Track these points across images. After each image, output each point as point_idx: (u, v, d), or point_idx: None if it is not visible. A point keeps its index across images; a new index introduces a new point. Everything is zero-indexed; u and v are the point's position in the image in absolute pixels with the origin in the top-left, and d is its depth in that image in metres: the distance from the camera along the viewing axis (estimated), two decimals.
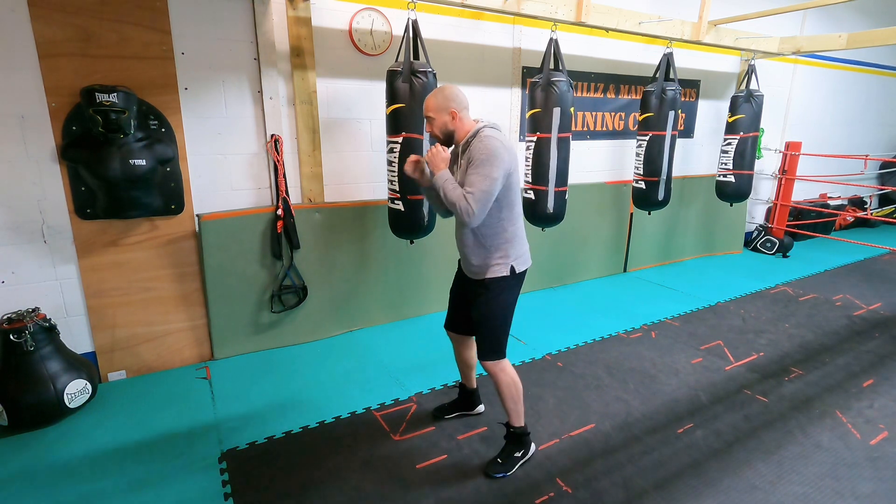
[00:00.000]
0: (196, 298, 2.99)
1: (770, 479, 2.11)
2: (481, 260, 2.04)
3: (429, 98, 2.02)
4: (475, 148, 1.91)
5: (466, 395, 2.50)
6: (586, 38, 4.11)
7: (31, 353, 2.38)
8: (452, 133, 2.01)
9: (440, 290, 3.80)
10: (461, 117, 1.98)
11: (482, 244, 2.03)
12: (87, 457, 2.22)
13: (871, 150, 7.03)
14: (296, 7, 2.93)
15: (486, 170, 1.85)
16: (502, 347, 2.10)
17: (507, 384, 2.10)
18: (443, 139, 2.02)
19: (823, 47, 4.43)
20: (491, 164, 1.85)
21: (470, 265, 2.09)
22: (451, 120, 1.98)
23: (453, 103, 1.97)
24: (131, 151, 2.49)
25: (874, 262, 5.42)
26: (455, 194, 1.87)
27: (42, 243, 2.59)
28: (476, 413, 2.53)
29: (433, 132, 2.03)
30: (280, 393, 2.72)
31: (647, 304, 4.04)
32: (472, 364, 2.42)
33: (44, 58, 2.40)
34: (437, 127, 2.01)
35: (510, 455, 2.15)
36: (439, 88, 2.01)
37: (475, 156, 1.89)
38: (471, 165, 1.89)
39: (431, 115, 2.00)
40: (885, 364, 3.13)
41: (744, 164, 4.31)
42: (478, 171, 1.86)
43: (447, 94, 1.99)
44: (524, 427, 2.18)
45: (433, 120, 2.00)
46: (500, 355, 2.10)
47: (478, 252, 2.04)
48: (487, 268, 2.04)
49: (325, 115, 3.19)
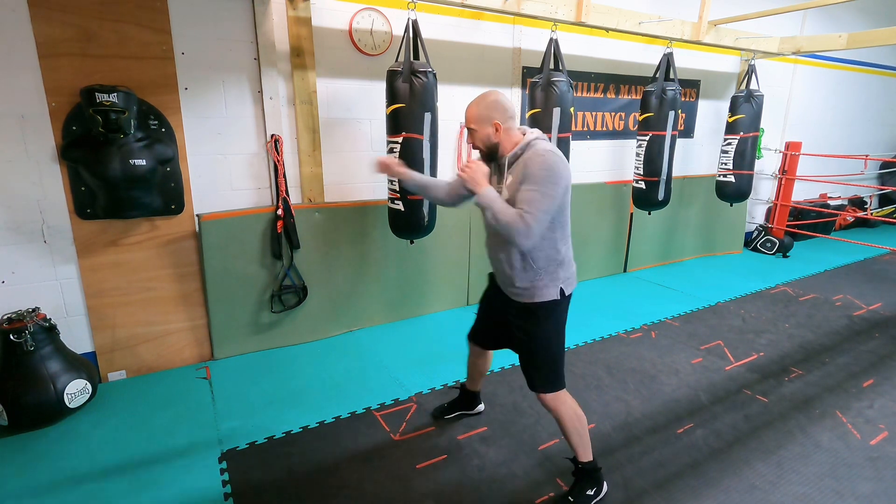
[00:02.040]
0: (196, 298, 2.99)
1: (770, 479, 2.11)
2: (528, 282, 1.85)
3: (470, 107, 1.85)
4: (533, 162, 1.72)
5: (468, 395, 2.48)
6: (586, 38, 4.11)
7: (31, 353, 2.38)
8: (496, 146, 1.84)
9: (440, 290, 3.80)
10: (506, 129, 1.81)
11: (531, 266, 1.83)
12: (87, 457, 2.22)
13: (871, 150, 7.03)
14: (296, 7, 2.93)
15: (546, 188, 1.68)
16: (561, 377, 1.93)
17: (570, 418, 1.92)
18: (486, 152, 1.87)
19: (823, 47, 4.43)
20: (551, 182, 1.69)
21: (511, 286, 1.90)
22: (494, 132, 1.81)
23: (496, 114, 1.80)
24: (131, 151, 2.49)
25: (874, 262, 5.42)
26: (508, 215, 1.69)
27: (42, 243, 2.59)
28: (476, 412, 2.52)
29: (475, 144, 1.88)
30: (280, 393, 2.72)
31: (647, 304, 4.04)
32: (485, 373, 2.38)
33: (44, 58, 2.40)
34: (480, 140, 1.85)
35: (582, 492, 1.96)
36: (482, 97, 1.85)
37: (533, 171, 1.71)
38: (527, 181, 1.71)
39: (473, 127, 1.84)
40: (885, 364, 3.13)
41: (744, 164, 4.31)
42: (538, 189, 1.68)
43: (489, 103, 1.82)
44: (594, 462, 1.98)
45: (475, 132, 1.85)
46: (560, 385, 1.92)
47: (525, 275, 1.85)
48: (535, 290, 1.85)
49: (325, 115, 3.19)
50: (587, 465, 1.97)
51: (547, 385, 1.92)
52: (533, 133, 1.83)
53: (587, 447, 1.97)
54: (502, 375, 2.89)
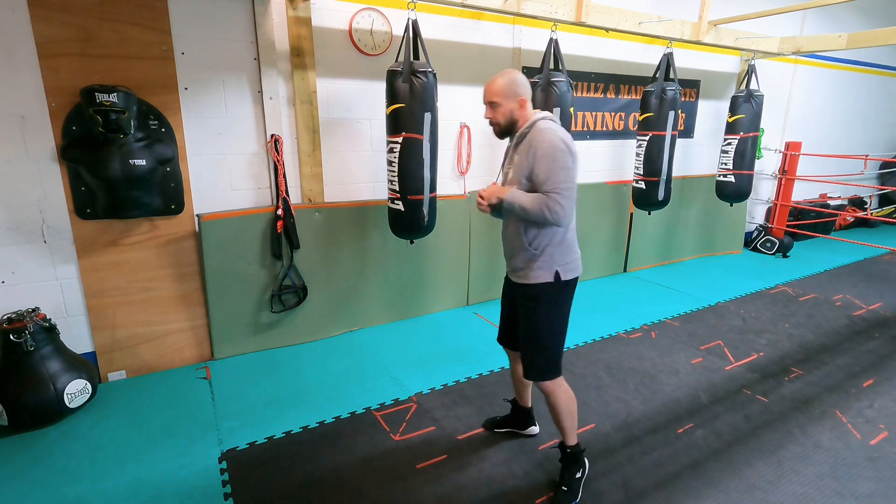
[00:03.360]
0: (196, 298, 2.99)
1: (770, 479, 2.11)
2: (523, 261, 1.89)
3: (494, 81, 1.84)
4: (537, 142, 1.75)
5: (520, 413, 2.33)
6: (586, 38, 4.11)
7: (31, 353, 2.38)
8: (516, 123, 1.85)
9: (440, 290, 3.80)
10: (528, 106, 1.85)
11: (525, 244, 1.86)
12: (87, 457, 2.22)
13: (871, 150, 7.03)
14: (296, 7, 2.93)
15: (557, 162, 1.71)
16: (558, 366, 1.94)
17: (565, 401, 1.96)
18: (503, 128, 1.87)
19: (823, 47, 4.43)
20: (560, 156, 1.72)
21: (513, 263, 1.94)
22: (517, 108, 1.83)
23: (522, 89, 1.82)
24: (131, 151, 2.49)
25: (874, 262, 5.42)
26: (533, 203, 1.73)
27: (42, 243, 2.59)
28: (528, 434, 2.35)
29: (495, 119, 1.86)
30: (280, 393, 2.72)
31: (647, 304, 4.04)
32: (527, 382, 2.24)
33: (44, 58, 2.40)
34: (502, 114, 1.84)
35: (573, 477, 1.99)
36: (506, 72, 1.86)
37: (541, 150, 1.73)
38: (538, 162, 1.74)
39: (498, 101, 1.83)
40: (885, 364, 3.13)
41: (744, 164, 4.31)
42: (551, 165, 1.71)
43: (516, 79, 1.82)
44: (579, 444, 2.04)
45: (499, 106, 1.83)
46: (556, 373, 1.94)
47: (520, 253, 1.88)
48: (531, 271, 1.87)
49: (325, 115, 3.19)
50: (574, 448, 2.02)
51: (539, 373, 1.94)
52: (541, 113, 1.86)
53: (575, 430, 2.02)
54: (502, 375, 2.89)
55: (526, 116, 1.86)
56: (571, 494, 1.97)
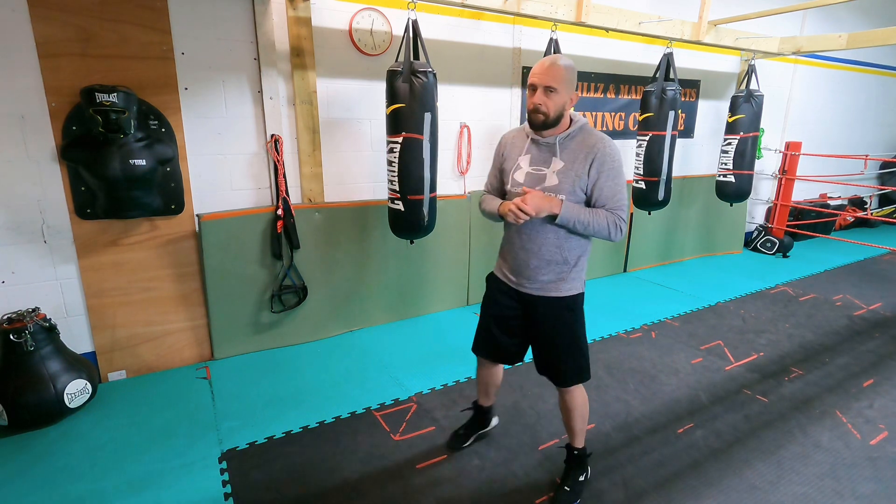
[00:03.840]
0: (196, 298, 2.99)
1: (770, 479, 2.11)
2: (555, 275, 1.78)
3: (556, 64, 1.64)
4: (607, 153, 1.66)
5: (484, 413, 2.30)
6: (586, 38, 4.11)
7: (32, 353, 2.38)
8: (560, 119, 1.69)
9: (440, 290, 3.80)
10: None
11: (564, 258, 1.76)
12: (87, 457, 2.22)
13: (871, 150, 7.03)
14: (296, 7, 2.93)
15: (622, 178, 1.67)
16: (589, 367, 1.94)
17: (582, 404, 1.96)
18: (551, 120, 1.68)
19: (823, 47, 4.43)
20: (622, 170, 1.68)
21: (535, 279, 1.81)
22: (569, 102, 1.68)
23: (575, 84, 1.69)
24: (131, 151, 2.49)
25: (874, 262, 5.43)
26: (599, 220, 1.65)
27: (42, 243, 2.59)
28: (491, 428, 2.36)
29: (546, 107, 1.65)
30: (280, 393, 2.72)
31: (647, 304, 4.04)
32: (498, 384, 2.24)
33: (44, 58, 2.40)
34: (556, 105, 1.65)
35: (576, 479, 1.99)
36: (564, 58, 1.67)
37: (609, 162, 1.65)
38: (605, 173, 1.66)
39: (556, 87, 1.63)
40: (885, 364, 3.13)
41: (744, 164, 4.31)
42: (618, 181, 1.67)
43: (574, 69, 1.67)
44: (586, 448, 2.04)
45: (556, 93, 1.64)
46: (589, 374, 1.93)
47: (554, 267, 1.77)
48: (564, 283, 1.80)
49: (325, 115, 3.19)
50: (582, 451, 2.03)
51: (580, 377, 1.90)
52: (580, 115, 1.77)
53: (584, 433, 2.02)
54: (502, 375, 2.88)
55: (568, 116, 1.72)
56: (573, 495, 1.96)
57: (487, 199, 1.94)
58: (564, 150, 1.70)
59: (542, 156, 1.74)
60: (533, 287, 1.84)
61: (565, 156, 1.70)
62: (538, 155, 1.75)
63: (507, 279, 1.92)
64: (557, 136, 1.71)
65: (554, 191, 1.71)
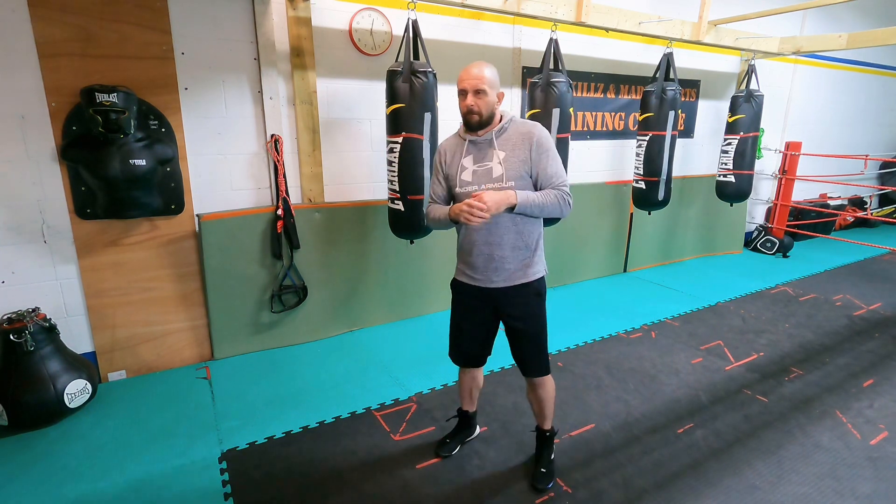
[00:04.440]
0: (196, 298, 2.99)
1: (770, 479, 2.11)
2: (519, 262, 1.85)
3: (482, 68, 1.76)
4: (540, 134, 1.78)
5: (469, 419, 2.32)
6: (586, 38, 4.11)
7: (31, 353, 2.38)
8: (492, 117, 1.80)
9: (440, 290, 3.80)
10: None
11: (525, 243, 1.84)
12: (87, 457, 2.22)
13: (871, 150, 7.03)
14: (296, 7, 2.93)
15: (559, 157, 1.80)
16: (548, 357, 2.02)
17: (550, 389, 2.04)
18: (484, 119, 1.78)
19: (823, 47, 4.43)
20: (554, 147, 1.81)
21: (502, 270, 1.85)
22: (497, 101, 1.80)
23: (499, 84, 1.81)
24: (131, 151, 2.49)
25: (874, 262, 5.42)
26: (550, 199, 1.75)
27: (42, 243, 2.59)
28: (476, 436, 2.36)
29: (476, 108, 1.76)
30: (280, 393, 2.72)
31: (647, 304, 4.04)
32: (480, 386, 2.27)
33: (44, 58, 2.40)
34: (486, 105, 1.76)
35: (550, 459, 2.11)
36: (488, 64, 1.81)
37: (544, 142, 1.77)
38: (543, 154, 1.77)
39: (486, 89, 1.75)
40: (885, 364, 3.13)
41: (744, 164, 4.31)
42: (556, 157, 1.79)
43: (497, 73, 1.81)
44: (554, 426, 2.16)
45: (485, 95, 1.75)
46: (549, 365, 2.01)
47: (517, 254, 1.84)
48: (529, 268, 1.86)
49: (325, 115, 3.19)
50: (552, 431, 2.14)
51: (545, 367, 1.99)
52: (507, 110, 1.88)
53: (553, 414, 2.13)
54: (502, 375, 2.88)
55: (498, 113, 1.84)
56: (550, 476, 2.07)
57: (434, 207, 1.97)
58: (502, 141, 1.81)
59: (482, 152, 1.83)
60: (499, 279, 1.88)
61: (505, 146, 1.80)
62: (478, 153, 1.84)
63: (472, 279, 1.95)
64: (493, 131, 1.81)
65: (502, 179, 1.79)
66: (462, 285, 2.01)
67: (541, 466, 2.09)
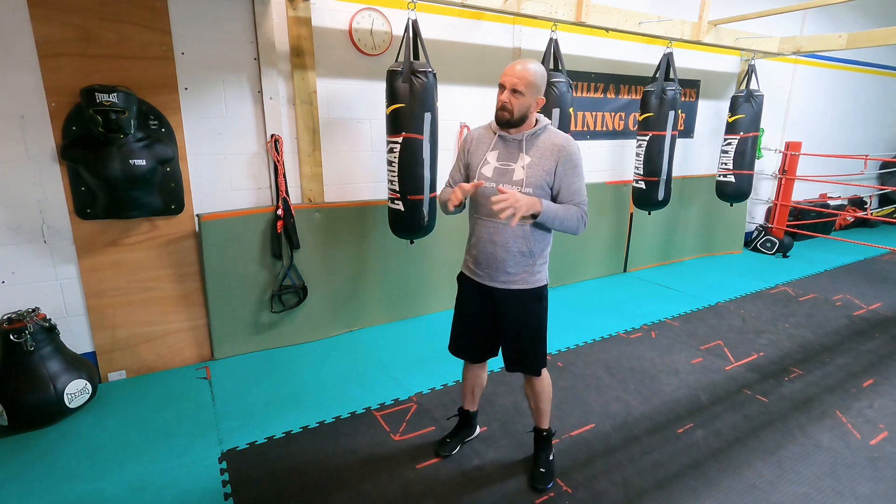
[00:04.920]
0: (196, 298, 2.99)
1: (770, 479, 2.11)
2: (521, 267, 1.85)
3: (526, 67, 1.71)
4: (570, 151, 1.75)
5: (470, 419, 2.32)
6: (586, 38, 4.11)
7: (31, 353, 2.38)
8: (525, 119, 1.77)
9: (440, 290, 3.80)
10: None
11: (530, 250, 1.84)
12: (87, 457, 2.22)
13: (871, 150, 7.03)
14: (296, 7, 2.93)
15: (582, 173, 1.80)
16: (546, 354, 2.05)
17: (549, 388, 2.08)
18: (514, 120, 1.75)
19: (823, 47, 4.43)
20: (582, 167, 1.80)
21: (503, 273, 1.86)
22: (535, 105, 1.77)
23: (543, 88, 1.77)
24: (131, 151, 2.49)
25: (874, 262, 5.43)
26: (572, 215, 1.75)
27: (42, 243, 2.58)
28: (475, 436, 2.36)
29: (511, 106, 1.73)
30: (280, 393, 2.72)
31: (647, 304, 4.04)
32: (483, 385, 2.27)
33: (44, 58, 2.40)
34: (521, 106, 1.73)
35: (548, 460, 2.12)
36: (535, 63, 1.76)
37: (573, 160, 1.75)
38: (569, 170, 1.75)
39: (522, 90, 1.71)
40: (885, 364, 3.13)
41: (744, 164, 4.31)
42: (580, 177, 1.78)
43: (544, 74, 1.76)
44: (551, 427, 2.17)
45: (521, 97, 1.71)
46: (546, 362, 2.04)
47: (521, 259, 1.84)
48: (529, 275, 1.87)
49: (325, 115, 3.19)
50: (549, 431, 2.15)
51: (542, 365, 2.01)
52: (545, 118, 1.85)
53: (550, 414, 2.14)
54: (502, 375, 2.88)
55: (534, 117, 1.81)
56: (549, 475, 2.07)
57: (446, 190, 1.98)
58: (531, 146, 1.78)
59: (509, 152, 1.81)
60: (500, 281, 1.89)
61: (532, 152, 1.77)
62: (505, 151, 1.82)
63: (475, 275, 1.96)
64: (525, 133, 1.79)
65: (521, 184, 1.78)
66: (466, 279, 2.03)
67: (539, 466, 2.10)
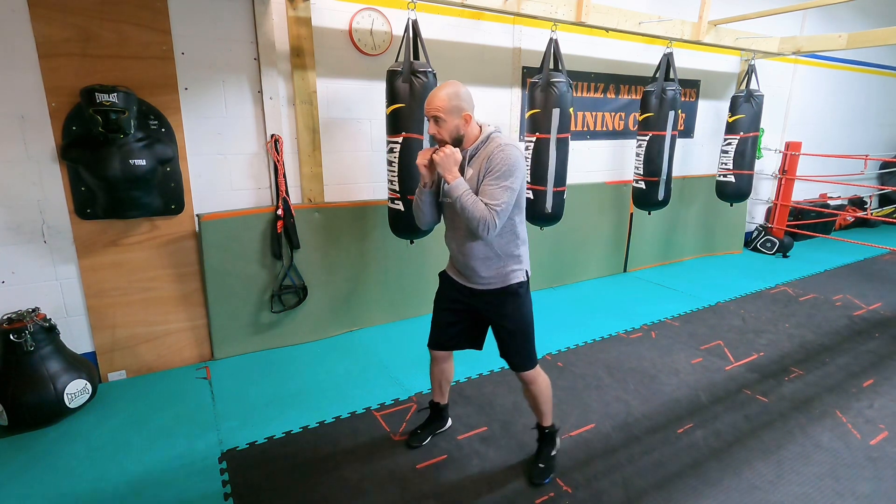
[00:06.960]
0: (196, 298, 2.99)
1: (770, 479, 2.11)
2: (494, 270, 1.92)
3: (437, 96, 1.79)
4: (495, 157, 1.77)
5: (441, 411, 2.37)
6: (586, 38, 4.11)
7: (31, 353, 2.38)
8: (462, 139, 1.84)
9: None
10: (472, 121, 1.84)
11: (496, 254, 1.90)
12: (87, 457, 2.22)
13: (871, 150, 7.03)
14: (296, 7, 2.93)
15: (509, 181, 1.76)
16: (536, 353, 2.07)
17: (546, 386, 2.09)
18: (450, 143, 1.84)
19: (823, 47, 4.43)
20: (514, 176, 1.77)
21: (477, 277, 1.94)
22: (463, 124, 1.81)
23: (466, 104, 1.80)
24: (131, 151, 2.49)
25: (874, 262, 5.43)
26: (478, 209, 1.75)
27: (42, 243, 2.59)
28: (447, 428, 2.41)
29: (440, 136, 1.82)
30: (280, 393, 2.72)
31: (647, 304, 4.04)
32: (451, 379, 2.32)
33: (44, 58, 2.40)
34: (448, 131, 1.81)
35: (549, 455, 2.15)
36: (449, 86, 1.80)
37: (497, 167, 1.76)
38: (490, 175, 1.77)
39: (442, 117, 1.78)
40: (885, 364, 3.13)
41: (744, 164, 4.31)
42: (501, 184, 1.76)
43: (460, 94, 1.79)
44: (554, 425, 2.18)
45: (444, 122, 1.79)
46: (537, 360, 2.06)
47: (489, 263, 1.91)
48: (503, 276, 1.92)
49: (325, 115, 3.19)
50: (551, 428, 2.16)
51: (529, 362, 2.03)
52: (490, 126, 1.89)
53: (551, 411, 2.16)
54: (502, 375, 2.88)
55: (474, 132, 1.85)
56: (548, 470, 2.10)
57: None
58: (473, 160, 1.86)
59: (462, 166, 1.89)
60: (479, 283, 1.97)
61: (473, 164, 1.85)
62: (463, 165, 1.89)
63: (457, 276, 2.05)
64: (468, 150, 1.86)
65: None
66: (448, 278, 2.11)
67: (539, 462, 2.13)
